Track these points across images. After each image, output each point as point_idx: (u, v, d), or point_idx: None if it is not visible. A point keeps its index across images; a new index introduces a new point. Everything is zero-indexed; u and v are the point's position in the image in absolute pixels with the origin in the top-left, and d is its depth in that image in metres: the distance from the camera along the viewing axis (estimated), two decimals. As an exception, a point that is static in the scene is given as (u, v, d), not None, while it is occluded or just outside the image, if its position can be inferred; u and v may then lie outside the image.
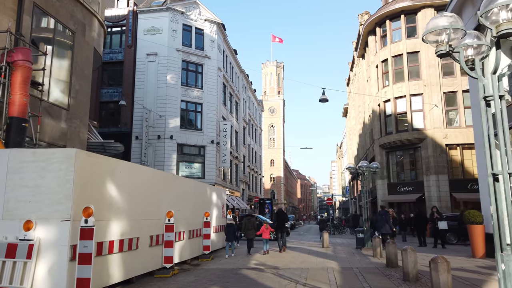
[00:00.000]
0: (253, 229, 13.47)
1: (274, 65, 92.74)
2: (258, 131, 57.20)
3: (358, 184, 45.12)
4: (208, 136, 30.72)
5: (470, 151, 25.64)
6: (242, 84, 44.50)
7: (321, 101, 20.25)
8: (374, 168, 14.07)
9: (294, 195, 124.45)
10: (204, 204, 12.43)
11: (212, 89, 31.59)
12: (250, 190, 49.22)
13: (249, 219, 13.88)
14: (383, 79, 29.02)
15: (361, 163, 13.83)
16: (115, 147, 14.96)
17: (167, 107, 29.23)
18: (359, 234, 13.83)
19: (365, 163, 13.75)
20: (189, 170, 29.77)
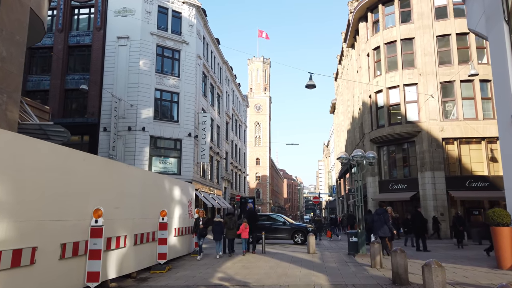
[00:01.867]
0: (235, 228, 12.57)
1: (261, 61, 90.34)
2: (242, 127, 54.75)
3: (346, 182, 43.17)
4: (185, 128, 28.13)
5: (468, 145, 23.74)
6: (225, 76, 41.97)
7: (308, 87, 17.94)
8: (370, 158, 11.80)
9: (280, 195, 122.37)
10: (160, 201, 9.92)
11: (190, 78, 29.00)
12: (233, 189, 46.73)
13: (231, 218, 12.65)
14: (374, 68, 26.89)
15: (356, 152, 11.54)
16: (58, 133, 12.30)
17: (139, 95, 26.53)
18: (352, 237, 11.53)
19: (359, 152, 11.47)
20: (164, 165, 27.13)
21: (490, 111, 23.55)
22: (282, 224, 18.11)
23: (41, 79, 27.47)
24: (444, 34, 24.47)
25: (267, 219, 18.85)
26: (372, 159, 11.89)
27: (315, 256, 11.69)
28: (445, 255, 12.29)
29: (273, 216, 19.52)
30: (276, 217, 19.19)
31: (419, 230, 13.77)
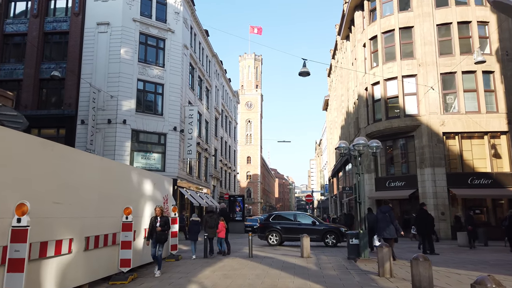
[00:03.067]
0: (215, 227, 11.61)
1: (252, 58, 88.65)
2: (232, 124, 53.05)
3: (340, 181, 41.76)
4: (170, 122, 26.35)
5: (470, 140, 22.41)
6: (214, 70, 40.25)
7: (301, 75, 16.40)
8: (374, 147, 10.25)
9: (272, 194, 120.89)
10: (125, 196, 8.23)
11: (176, 69, 27.23)
12: (223, 187, 45.04)
13: (211, 216, 11.70)
14: (371, 59, 25.44)
15: (357, 141, 9.97)
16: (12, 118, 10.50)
17: (120, 86, 24.70)
18: (352, 239, 9.96)
19: (362, 141, 9.90)
20: (146, 161, 25.33)
21: (493, 104, 22.26)
22: (312, 224, 16.28)
23: (14, 68, 25.48)
24: (445, 23, 23.11)
25: (293, 218, 17.06)
26: (376, 148, 10.34)
27: (310, 261, 10.09)
28: (459, 259, 10.74)
29: (301, 215, 17.62)
30: (304, 217, 17.35)
31: (425, 230, 12.25)
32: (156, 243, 8.38)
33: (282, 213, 18.34)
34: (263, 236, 16.75)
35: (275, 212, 19.94)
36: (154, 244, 8.40)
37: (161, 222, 8.40)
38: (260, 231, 17.15)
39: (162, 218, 8.45)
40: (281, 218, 17.33)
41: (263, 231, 16.85)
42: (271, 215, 18.03)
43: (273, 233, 16.49)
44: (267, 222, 17.21)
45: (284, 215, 17.83)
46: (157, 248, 8.38)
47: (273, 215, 17.88)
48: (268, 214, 18.95)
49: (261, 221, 18.08)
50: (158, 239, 8.35)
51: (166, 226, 8.51)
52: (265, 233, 16.64)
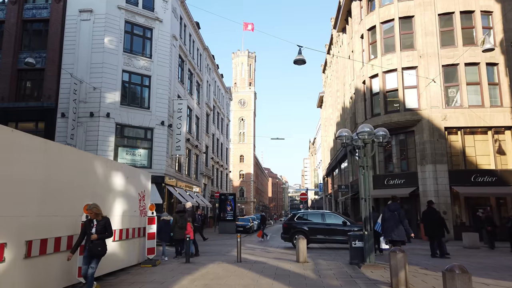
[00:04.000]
0: (185, 228, 10.77)
1: (246, 55, 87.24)
2: (225, 121, 51.66)
3: (335, 179, 40.58)
4: (157, 116, 24.92)
5: (473, 136, 21.31)
6: (205, 64, 38.83)
7: (296, 63, 15.20)
8: (381, 136, 8.98)
9: (265, 194, 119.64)
10: (86, 191, 6.85)
11: (164, 60, 25.80)
12: (214, 186, 43.65)
13: (182, 215, 10.90)
14: (369, 51, 24.24)
15: (362, 128, 8.68)
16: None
17: (104, 77, 23.21)
18: (355, 241, 8.69)
19: (367, 128, 8.63)
20: (132, 157, 23.87)
21: (497, 97, 21.18)
22: (342, 225, 14.66)
23: (-10, 57, 23.85)
24: (447, 12, 21.98)
25: (321, 218, 15.42)
26: (383, 138, 9.07)
27: (307, 267, 8.79)
28: (478, 265, 9.44)
29: (330, 215, 15.95)
30: (333, 217, 15.69)
31: (435, 230, 11.00)
32: (89, 258, 5.93)
33: (308, 212, 16.76)
34: (287, 237, 15.29)
35: (301, 211, 18.23)
36: (87, 259, 5.94)
37: (98, 227, 6.03)
38: (284, 231, 15.67)
39: (100, 222, 6.10)
40: (307, 218, 15.81)
41: (287, 232, 15.40)
42: (295, 214, 16.44)
43: (298, 234, 14.90)
44: (292, 222, 15.71)
45: (311, 215, 16.33)
46: (90, 263, 5.92)
47: (298, 214, 16.33)
48: (292, 213, 17.33)
49: (285, 221, 16.50)
50: (92, 251, 5.90)
51: (106, 233, 6.13)
52: (289, 234, 15.19)
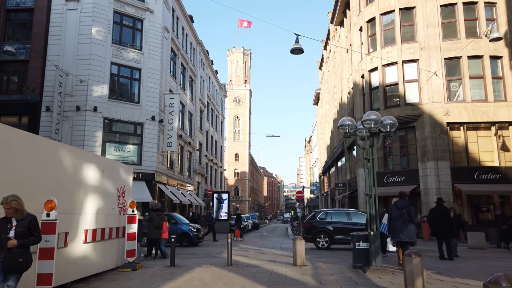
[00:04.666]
0: (161, 227, 10.52)
1: (241, 52, 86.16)
2: (219, 118, 50.63)
3: (331, 177, 39.73)
4: (147, 111, 23.88)
5: (476, 132, 20.51)
6: (199, 59, 37.78)
7: (293, 52, 14.32)
8: (388, 125, 8.07)
9: (260, 193, 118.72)
10: (46, 184, 5.85)
11: (155, 52, 24.74)
12: (208, 184, 42.63)
13: (159, 214, 10.42)
14: (368, 43, 23.36)
15: (368, 116, 7.74)
16: None
17: (91, 69, 22.13)
18: (359, 242, 7.77)
19: (373, 116, 7.71)
20: (120, 153, 22.82)
21: (501, 92, 20.40)
22: None
23: (-29, 48, 22.67)
24: (449, 3, 21.16)
25: (347, 217, 14.31)
26: (391, 127, 8.15)
27: (306, 271, 7.85)
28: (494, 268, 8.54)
29: (356, 213, 14.79)
30: (360, 215, 14.40)
31: (443, 230, 10.07)
32: (5, 273, 4.27)
33: (332, 211, 15.51)
34: (308, 237, 14.20)
35: (323, 209, 16.81)
36: (1, 275, 4.26)
37: (18, 228, 4.34)
38: (306, 231, 14.58)
39: (21, 222, 4.38)
40: (331, 217, 14.62)
41: (309, 232, 14.30)
42: (318, 213, 15.26)
43: (321, 234, 14.00)
44: (314, 221, 14.58)
45: (335, 213, 15.04)
46: (5, 282, 4.28)
47: (321, 213, 15.14)
48: (315, 212, 16.12)
49: (307, 220, 15.29)
50: (10, 264, 4.23)
51: (33, 237, 4.45)
52: (311, 235, 14.13)
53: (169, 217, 16.65)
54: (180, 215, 23.71)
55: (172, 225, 15.60)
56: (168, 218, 16.49)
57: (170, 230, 15.57)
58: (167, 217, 16.75)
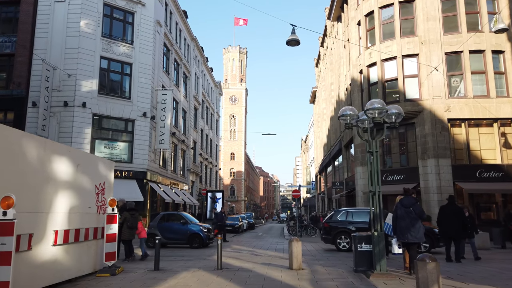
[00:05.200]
0: (136, 228, 9.90)
1: (237, 50, 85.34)
2: (215, 117, 49.85)
3: (328, 176, 39.04)
4: (139, 107, 23.09)
5: (477, 128, 19.89)
6: (193, 55, 36.98)
7: (289, 44, 13.58)
8: (394, 115, 7.37)
9: (256, 192, 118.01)
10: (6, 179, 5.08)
11: (147, 47, 23.95)
12: (203, 183, 41.83)
13: (133, 214, 9.75)
14: (367, 38, 22.69)
15: (372, 105, 7.02)
16: None
17: (80, 64, 21.32)
18: (361, 244, 7.05)
19: (378, 105, 6.99)
20: (110, 150, 22.01)
21: (503, 87, 19.80)
22: None
23: (-45, 41, 21.80)
24: (450, -4, 20.51)
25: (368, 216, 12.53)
26: (396, 117, 7.47)
27: (303, 275, 7.12)
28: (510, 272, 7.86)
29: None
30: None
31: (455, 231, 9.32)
32: None
33: (353, 210, 14.47)
34: (328, 238, 13.38)
35: (344, 208, 15.68)
36: None
37: None
38: (325, 232, 13.69)
39: None
40: (352, 216, 13.65)
41: (329, 232, 13.41)
42: (337, 212, 14.26)
43: (342, 235, 13.09)
44: (334, 221, 13.65)
45: (357, 212, 13.96)
46: None
47: (341, 213, 14.15)
48: (334, 211, 15.10)
49: (326, 220, 14.33)
50: None
51: None
52: (332, 236, 13.25)
53: (178, 216, 15.72)
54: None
55: (181, 226, 14.80)
56: (177, 218, 15.52)
57: (179, 231, 14.62)
58: (177, 216, 15.77)
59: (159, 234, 14.06)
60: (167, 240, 14.52)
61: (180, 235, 14.60)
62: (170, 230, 14.74)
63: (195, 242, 14.45)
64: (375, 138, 7.42)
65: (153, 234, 14.01)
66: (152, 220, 15.67)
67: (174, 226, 14.90)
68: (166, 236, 14.40)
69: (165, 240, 14.38)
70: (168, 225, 15.01)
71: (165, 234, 14.44)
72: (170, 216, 15.97)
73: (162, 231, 14.44)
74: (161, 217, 15.37)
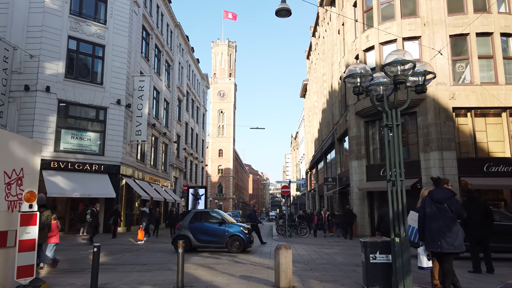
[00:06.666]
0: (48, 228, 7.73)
1: (226, 44, 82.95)
2: (201, 110, 47.58)
3: (319, 172, 37.18)
4: (112, 94, 20.84)
5: (484, 118, 18.13)
6: (177, 43, 34.67)
7: (279, 14, 11.63)
8: (422, 74, 5.44)
9: (245, 191, 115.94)
10: None
11: (122, 28, 21.68)
12: (188, 180, 39.61)
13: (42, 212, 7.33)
14: (363, 20, 20.78)
15: (392, 57, 5.08)
16: None
17: (44, 43, 18.98)
18: (375, 254, 5.03)
19: (400, 56, 5.04)
20: (79, 141, 19.72)
21: (513, 73, 18.05)
22: None
23: None
24: (455, -27, 18.69)
25: None
26: (423, 77, 5.52)
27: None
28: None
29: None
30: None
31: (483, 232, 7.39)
32: None
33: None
34: None
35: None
36: None
37: None
38: None
39: None
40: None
41: None
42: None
43: None
44: None
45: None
46: None
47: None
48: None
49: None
50: None
51: None
52: None
53: (214, 215, 12.92)
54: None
55: (217, 226, 12.13)
56: (212, 217, 12.77)
57: (215, 233, 12.00)
58: (212, 215, 12.94)
59: (191, 237, 11.90)
60: (201, 243, 12.12)
61: (217, 237, 12.03)
62: (205, 232, 12.20)
63: (235, 245, 11.85)
64: (396, 107, 5.42)
65: (185, 237, 11.82)
66: (183, 220, 13.01)
67: (209, 227, 12.30)
68: (199, 238, 12.06)
69: (199, 243, 12.08)
70: (201, 225, 12.40)
71: (199, 236, 12.08)
72: (203, 214, 13.17)
73: (194, 233, 12.12)
74: (193, 216, 12.72)
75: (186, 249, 11.58)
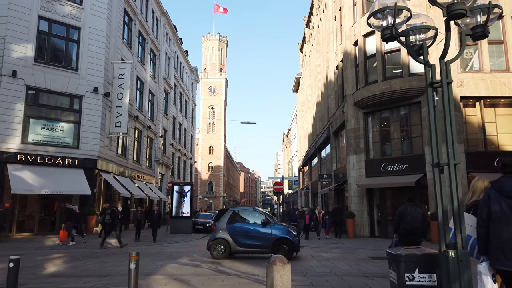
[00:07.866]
0: None
1: (217, 38, 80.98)
2: (190, 105, 45.71)
3: (313, 169, 35.66)
4: (88, 81, 18.98)
5: (494, 109, 16.71)
6: (163, 32, 32.77)
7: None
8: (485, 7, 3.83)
9: (236, 188, 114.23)
10: None
11: (100, 9, 19.81)
12: (175, 177, 37.76)
13: None
14: (363, 3, 19.22)
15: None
16: None
17: (10, 23, 17.05)
18: (411, 273, 3.45)
19: None
20: (50, 133, 17.84)
21: (525, 60, 16.63)
22: None
23: None
24: (463, -48, 17.18)
25: None
26: (489, 10, 3.94)
27: None
28: None
29: None
30: None
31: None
32: None
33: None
34: None
35: None
36: None
37: None
38: None
39: None
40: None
41: None
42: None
43: None
44: None
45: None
46: None
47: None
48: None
49: None
50: None
51: None
52: None
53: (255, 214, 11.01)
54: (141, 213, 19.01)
55: (260, 227, 10.36)
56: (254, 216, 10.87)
57: (259, 235, 10.18)
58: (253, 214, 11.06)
59: (230, 240, 10.16)
60: (243, 248, 10.32)
61: (262, 240, 10.24)
62: (247, 234, 10.38)
63: (283, 249, 10.05)
64: (446, 58, 3.83)
65: (223, 240, 10.17)
66: (219, 220, 10.70)
67: (252, 229, 10.48)
68: (240, 242, 10.26)
69: (240, 248, 10.30)
70: (242, 226, 10.55)
71: (239, 239, 10.28)
72: (243, 213, 11.27)
73: (234, 235, 10.32)
74: (231, 215, 10.82)
75: (225, 255, 10.09)
